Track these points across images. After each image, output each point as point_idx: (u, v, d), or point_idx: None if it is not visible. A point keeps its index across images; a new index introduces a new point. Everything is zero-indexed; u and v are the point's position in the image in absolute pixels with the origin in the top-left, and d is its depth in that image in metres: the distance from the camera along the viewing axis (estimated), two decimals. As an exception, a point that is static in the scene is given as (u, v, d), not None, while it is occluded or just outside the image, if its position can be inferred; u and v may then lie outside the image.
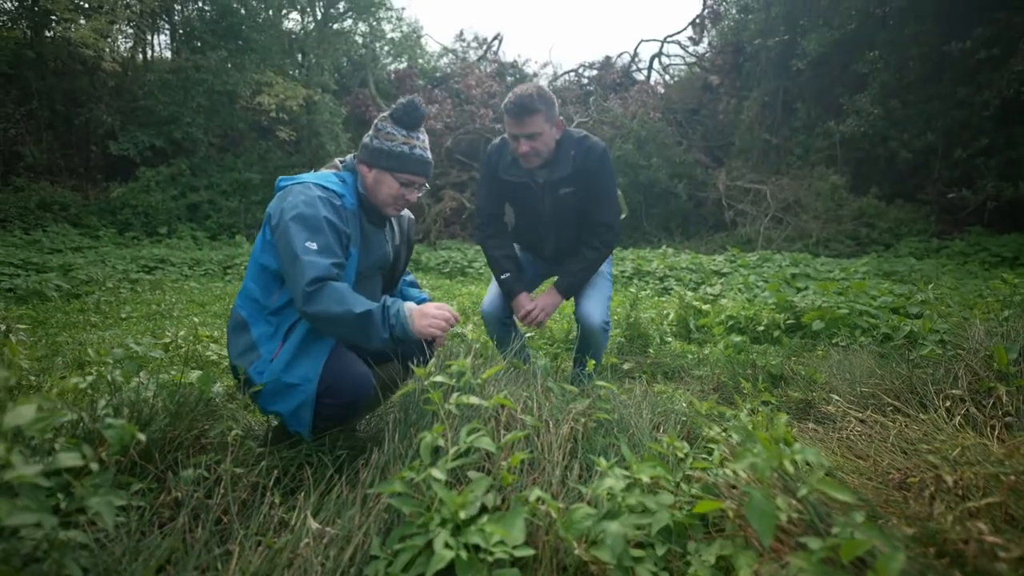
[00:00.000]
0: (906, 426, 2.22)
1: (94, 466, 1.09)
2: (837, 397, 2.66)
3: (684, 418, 2.21)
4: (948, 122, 11.62)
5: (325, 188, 1.92)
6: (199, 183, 13.94)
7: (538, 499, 1.32)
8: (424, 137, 2.03)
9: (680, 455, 1.66)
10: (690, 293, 5.94)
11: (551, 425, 1.76)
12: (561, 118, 2.58)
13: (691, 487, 1.55)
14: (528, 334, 3.66)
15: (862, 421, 2.39)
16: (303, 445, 1.95)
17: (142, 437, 1.14)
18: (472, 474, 1.40)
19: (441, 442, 1.49)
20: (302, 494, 1.57)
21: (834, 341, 4.00)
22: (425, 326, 1.81)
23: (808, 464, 1.18)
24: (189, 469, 1.68)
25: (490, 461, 1.62)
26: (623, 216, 2.81)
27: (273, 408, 1.88)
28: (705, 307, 5.05)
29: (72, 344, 4.06)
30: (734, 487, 1.41)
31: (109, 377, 2.10)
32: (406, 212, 2.35)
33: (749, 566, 1.09)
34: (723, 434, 1.98)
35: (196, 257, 10.02)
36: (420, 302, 2.32)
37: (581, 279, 2.66)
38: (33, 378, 3.02)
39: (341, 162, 2.13)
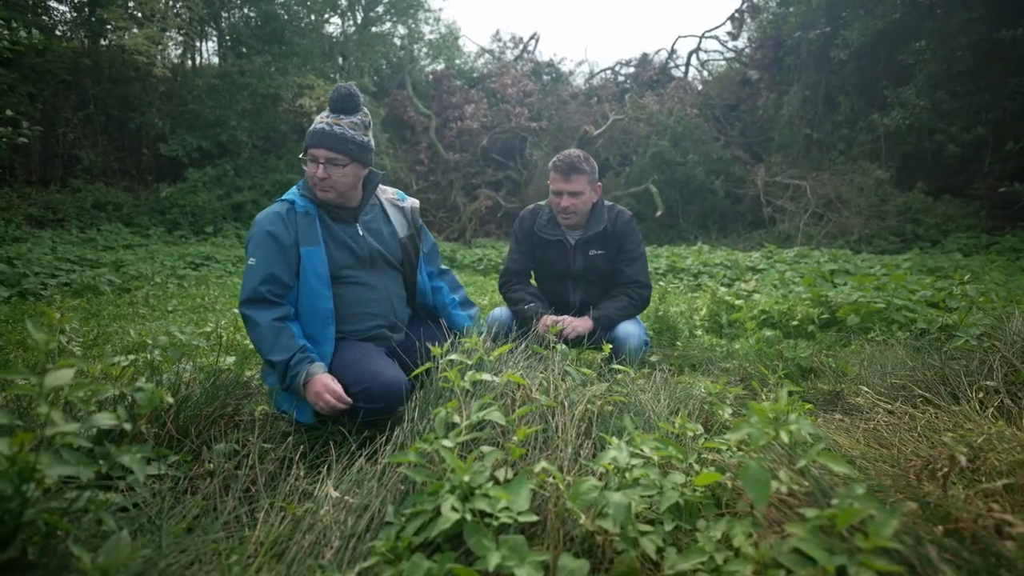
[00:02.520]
0: (936, 416, 2.18)
1: (127, 426, 1.17)
2: (866, 388, 2.61)
3: (704, 405, 2.22)
4: (999, 114, 11.14)
5: (281, 200, 2.09)
6: (243, 184, 14.38)
7: (544, 470, 1.35)
8: (347, 119, 2.07)
9: (692, 434, 1.67)
10: (723, 288, 5.87)
11: (566, 406, 1.79)
12: (600, 184, 2.80)
13: (704, 468, 1.57)
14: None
15: (890, 412, 2.35)
16: (328, 424, 2.03)
17: (170, 399, 1.22)
18: (485, 448, 1.44)
19: (456, 418, 1.54)
20: (325, 467, 1.64)
21: (869, 336, 3.91)
22: (313, 400, 1.90)
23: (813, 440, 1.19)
24: (222, 443, 1.77)
25: (504, 438, 1.66)
26: (659, 214, 2.85)
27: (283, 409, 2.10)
28: (738, 302, 4.99)
29: (122, 334, 4.27)
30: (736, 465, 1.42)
31: (149, 357, 2.23)
32: (409, 202, 2.39)
33: (744, 534, 1.11)
34: (739, 418, 1.98)
35: (240, 255, 10.36)
36: (461, 325, 2.43)
37: (614, 317, 2.70)
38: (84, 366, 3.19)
39: None
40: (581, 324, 2.62)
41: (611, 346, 2.45)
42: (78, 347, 3.67)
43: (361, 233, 2.18)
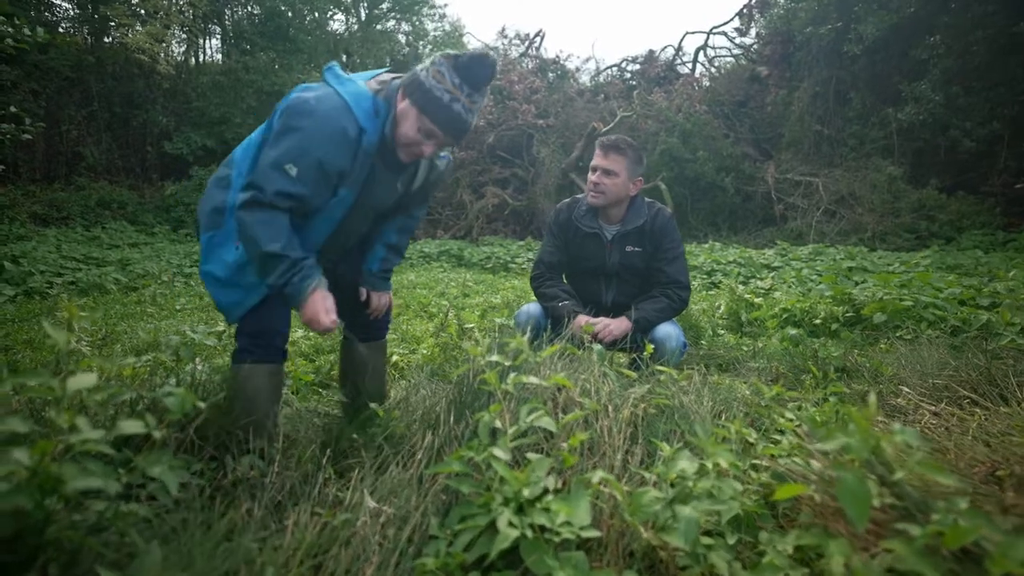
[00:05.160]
0: (986, 419, 2.09)
1: (156, 434, 1.08)
2: (907, 389, 2.51)
3: (745, 407, 2.13)
4: (1016, 109, 11.03)
5: (354, 117, 1.71)
6: (248, 182, 14.30)
7: (602, 481, 1.26)
8: (478, 100, 1.75)
9: (750, 440, 1.58)
10: (740, 287, 5.77)
11: (610, 409, 1.70)
12: (640, 178, 2.69)
13: (760, 475, 1.48)
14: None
15: (936, 414, 2.26)
16: (353, 427, 1.94)
17: (202, 404, 1.13)
18: (531, 455, 1.35)
19: (498, 423, 1.45)
20: (356, 472, 1.55)
21: (898, 334, 3.81)
22: (307, 320, 1.71)
23: (909, 447, 1.09)
24: (244, 448, 1.68)
25: (548, 443, 1.57)
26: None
27: (207, 282, 1.86)
28: (758, 300, 4.90)
29: (131, 333, 4.18)
30: (819, 476, 1.31)
31: (164, 357, 2.14)
32: (444, 163, 2.10)
33: (842, 554, 1.00)
34: (791, 422, 1.89)
35: (246, 253, 10.26)
36: (369, 264, 2.16)
37: (653, 318, 2.59)
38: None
39: (381, 83, 1.84)
40: (618, 326, 2.52)
41: (652, 347, 2.35)
42: (87, 347, 3.59)
43: (398, 188, 1.95)
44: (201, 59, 17.32)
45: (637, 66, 18.35)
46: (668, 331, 2.56)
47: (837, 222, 11.35)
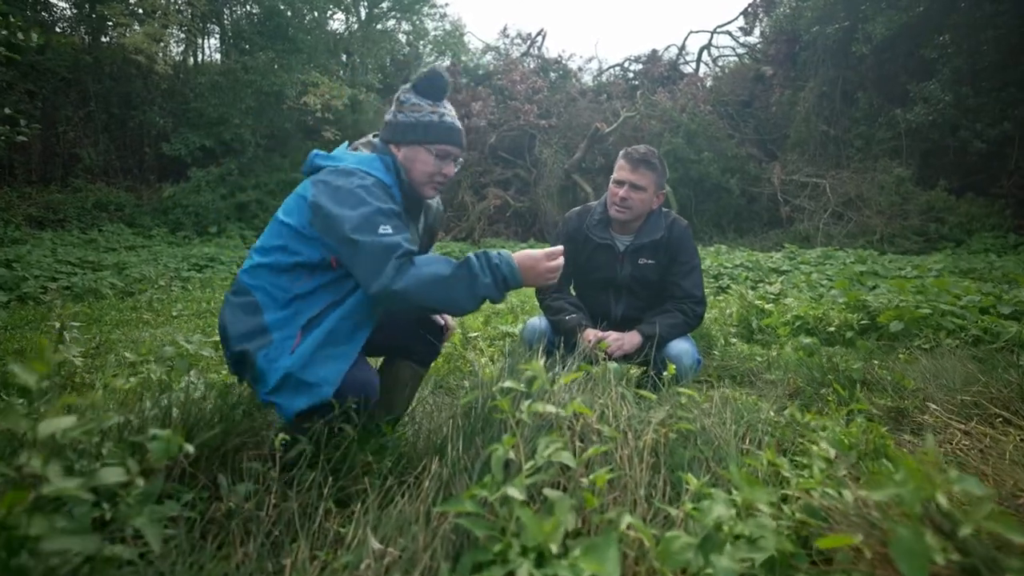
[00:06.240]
0: (1022, 440, 1.98)
1: (140, 481, 0.96)
2: (934, 406, 2.40)
3: (770, 428, 2.01)
4: (1027, 110, 10.92)
5: (367, 174, 1.76)
6: (247, 183, 14.16)
7: (628, 525, 1.15)
8: (451, 108, 1.89)
9: (785, 473, 1.46)
10: (750, 292, 5.65)
11: (630, 437, 1.58)
12: (663, 191, 2.61)
13: (792, 510, 1.37)
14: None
15: (967, 433, 2.14)
16: (357, 452, 1.82)
17: (190, 449, 1.01)
18: (548, 492, 1.23)
19: (512, 454, 1.34)
20: (359, 505, 1.43)
21: (916, 343, 3.69)
22: (533, 278, 1.74)
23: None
24: (239, 476, 1.56)
25: (565, 476, 1.45)
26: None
27: (278, 400, 1.72)
28: (768, 306, 4.77)
29: (125, 341, 4.07)
30: (857, 516, 1.20)
31: (155, 376, 2.02)
32: (435, 202, 2.15)
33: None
34: (822, 448, 1.77)
35: (244, 256, 10.16)
36: None
37: (666, 334, 2.46)
38: (86, 375, 3.00)
39: (367, 143, 1.95)
40: (629, 340, 2.39)
41: (671, 366, 2.23)
42: (79, 357, 3.46)
43: (419, 231, 2.03)
44: (199, 59, 17.20)
45: (640, 66, 18.25)
46: (683, 347, 2.44)
47: (844, 224, 11.24)
